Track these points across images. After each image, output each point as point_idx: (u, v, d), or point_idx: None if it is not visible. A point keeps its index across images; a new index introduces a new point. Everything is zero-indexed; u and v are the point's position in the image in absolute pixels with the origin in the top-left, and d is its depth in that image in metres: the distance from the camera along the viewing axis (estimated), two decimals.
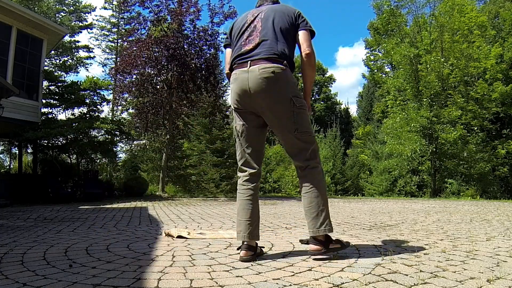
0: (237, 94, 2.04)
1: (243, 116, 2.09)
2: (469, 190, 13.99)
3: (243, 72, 2.00)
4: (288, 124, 1.98)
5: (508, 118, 15.70)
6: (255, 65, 1.97)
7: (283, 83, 1.96)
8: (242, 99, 2.03)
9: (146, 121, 12.18)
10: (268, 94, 1.95)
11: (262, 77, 1.93)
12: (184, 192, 14.97)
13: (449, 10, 14.39)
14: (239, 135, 2.10)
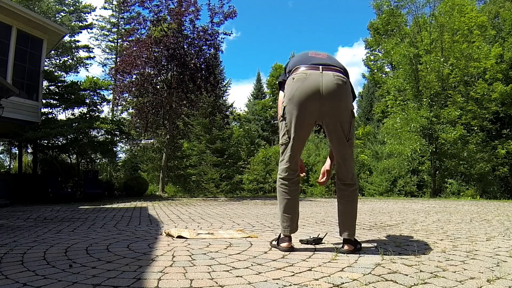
0: (305, 94, 2.04)
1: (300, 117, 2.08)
2: (469, 190, 13.98)
3: (316, 74, 2.04)
4: (345, 132, 2.12)
5: (508, 118, 15.69)
6: (329, 70, 2.06)
7: (349, 94, 2.13)
8: (308, 99, 2.04)
9: (146, 121, 12.18)
10: (338, 100, 2.05)
11: (337, 83, 2.03)
12: (184, 192, 14.97)
13: (449, 10, 14.39)
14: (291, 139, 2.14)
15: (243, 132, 26.10)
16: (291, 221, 2.21)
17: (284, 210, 2.21)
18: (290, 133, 2.12)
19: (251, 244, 2.49)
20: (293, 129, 2.10)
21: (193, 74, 11.65)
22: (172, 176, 16.44)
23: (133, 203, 7.78)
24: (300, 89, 2.05)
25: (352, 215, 2.21)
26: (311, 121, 2.14)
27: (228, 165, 18.25)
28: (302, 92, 2.04)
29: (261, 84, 36.72)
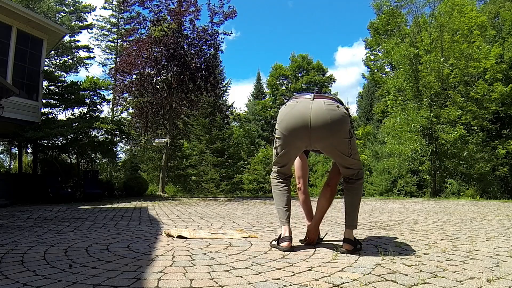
0: (294, 119, 2.12)
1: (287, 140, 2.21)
2: (469, 190, 13.99)
3: (307, 101, 2.11)
4: (345, 152, 2.18)
5: (508, 118, 15.68)
6: (319, 98, 2.11)
7: (342, 118, 2.10)
8: (298, 125, 2.11)
9: (146, 121, 12.18)
10: (329, 125, 2.07)
11: (327, 109, 2.06)
12: (184, 192, 14.97)
13: (449, 10, 14.38)
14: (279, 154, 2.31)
15: (243, 132, 26.11)
16: (285, 212, 2.33)
17: (277, 202, 2.37)
18: (278, 150, 2.30)
19: (251, 244, 2.49)
20: (282, 149, 2.27)
21: (193, 74, 11.64)
22: (172, 176, 16.43)
23: (133, 203, 7.78)
24: (289, 114, 2.15)
25: (356, 205, 2.31)
26: (300, 144, 2.22)
27: (228, 165, 18.25)
28: (291, 117, 2.13)
29: (261, 84, 36.74)
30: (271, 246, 2.35)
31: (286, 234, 2.25)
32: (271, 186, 2.44)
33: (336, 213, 5.36)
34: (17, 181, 9.81)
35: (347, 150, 2.17)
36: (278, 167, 2.38)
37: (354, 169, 2.27)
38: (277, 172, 2.39)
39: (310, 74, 33.81)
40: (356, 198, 2.30)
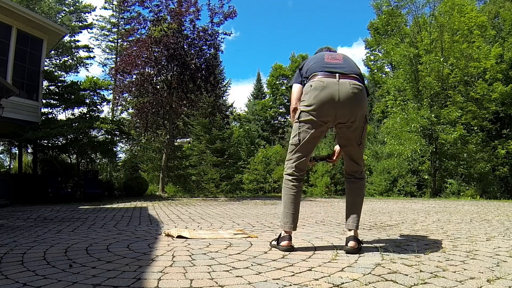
0: (322, 101, 2.11)
1: (315, 124, 2.17)
2: (469, 190, 13.98)
3: (333, 83, 2.11)
4: (357, 137, 2.24)
5: (508, 118, 15.69)
6: (345, 78, 2.13)
7: (365, 100, 2.20)
8: (325, 108, 2.12)
9: (146, 121, 12.18)
10: (354, 108, 2.13)
11: (353, 92, 2.11)
12: (184, 192, 14.97)
13: (449, 10, 14.38)
14: (301, 142, 2.21)
15: (243, 132, 26.13)
16: (292, 217, 2.26)
17: (286, 205, 2.29)
18: (301, 136, 2.19)
19: (251, 244, 2.49)
20: (307, 134, 2.18)
21: (193, 74, 11.64)
22: (172, 176, 16.43)
23: (133, 203, 7.78)
24: (317, 97, 2.12)
25: (359, 206, 2.31)
26: (325, 128, 2.24)
27: (228, 165, 18.26)
28: (320, 101, 2.11)
29: (261, 84, 36.77)
30: (271, 246, 2.34)
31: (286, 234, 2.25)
32: (283, 186, 2.31)
33: (336, 213, 5.37)
34: (17, 181, 9.81)
35: (359, 138, 2.23)
36: (296, 161, 2.24)
37: (359, 165, 2.30)
38: (295, 167, 2.24)
39: None
40: (360, 198, 2.31)
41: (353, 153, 2.29)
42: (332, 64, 2.22)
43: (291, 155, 2.27)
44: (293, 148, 2.25)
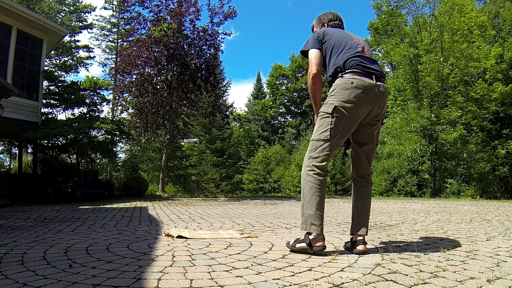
0: (362, 102, 2.12)
1: (349, 122, 2.15)
2: (469, 190, 13.96)
3: (373, 86, 2.15)
4: (377, 135, 2.34)
5: (508, 118, 15.67)
6: (379, 81, 2.19)
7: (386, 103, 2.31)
8: (363, 109, 2.14)
9: (146, 121, 12.18)
10: (382, 108, 2.24)
11: (385, 95, 2.22)
12: (184, 192, 14.96)
13: (449, 10, 14.37)
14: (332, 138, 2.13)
15: (243, 132, 26.12)
16: (322, 219, 2.14)
17: (318, 207, 2.09)
18: (333, 132, 2.11)
19: (251, 244, 2.49)
20: (339, 130, 2.13)
21: (193, 74, 11.64)
22: (172, 176, 16.42)
23: (133, 203, 7.78)
24: (358, 97, 2.11)
25: (368, 210, 2.31)
26: (355, 127, 2.23)
27: (228, 165, 18.25)
28: (360, 101, 2.11)
29: (261, 84, 36.77)
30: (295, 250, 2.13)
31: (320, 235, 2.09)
32: (311, 186, 2.10)
33: (336, 213, 5.36)
34: (17, 181, 9.81)
35: (378, 136, 2.34)
36: (326, 158, 2.13)
37: (370, 167, 2.37)
38: (324, 165, 2.12)
39: None
40: (369, 203, 2.33)
41: (371, 152, 2.33)
42: (367, 62, 2.22)
43: (319, 151, 2.13)
44: (322, 143, 2.13)
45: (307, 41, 2.33)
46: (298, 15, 62.68)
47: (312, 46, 2.28)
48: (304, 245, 2.09)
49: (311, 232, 2.07)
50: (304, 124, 27.32)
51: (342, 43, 2.26)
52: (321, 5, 61.99)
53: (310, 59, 2.25)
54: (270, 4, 65.92)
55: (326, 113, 2.14)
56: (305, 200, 2.11)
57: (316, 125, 2.19)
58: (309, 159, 2.16)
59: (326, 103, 2.17)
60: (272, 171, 20.64)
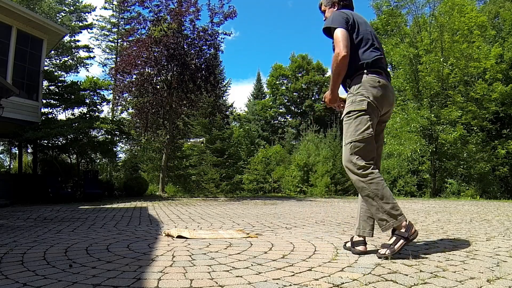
0: (387, 100, 2.20)
1: (376, 118, 2.19)
2: (469, 190, 13.97)
3: (390, 87, 2.26)
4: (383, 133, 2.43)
5: (508, 118, 15.68)
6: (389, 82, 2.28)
7: None
8: (386, 107, 2.22)
9: (146, 121, 12.18)
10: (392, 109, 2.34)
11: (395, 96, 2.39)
12: (184, 192, 14.96)
13: (449, 10, 14.38)
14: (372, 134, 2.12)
15: (243, 132, 26.12)
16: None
17: (391, 197, 2.04)
18: (372, 127, 2.10)
19: (251, 244, 2.49)
20: (374, 126, 2.14)
21: (193, 74, 11.64)
22: (172, 176, 16.42)
23: (133, 203, 7.77)
24: (384, 96, 2.16)
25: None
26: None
27: (228, 165, 18.24)
28: (384, 101, 2.18)
29: (261, 84, 36.77)
30: (389, 253, 2.00)
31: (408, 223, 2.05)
32: (374, 184, 2.03)
33: (336, 213, 5.36)
34: (17, 181, 9.81)
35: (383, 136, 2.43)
36: (373, 156, 2.12)
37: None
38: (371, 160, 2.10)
39: (310, 74, 33.80)
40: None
41: (381, 150, 2.35)
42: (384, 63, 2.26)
43: (366, 150, 2.08)
44: (369, 141, 2.09)
45: (332, 18, 2.19)
46: (298, 15, 62.71)
47: (340, 25, 2.14)
48: (402, 241, 2.01)
49: (401, 222, 2.00)
50: (304, 124, 27.30)
51: (369, 39, 2.25)
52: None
53: (337, 38, 2.11)
54: (270, 4, 65.95)
55: (360, 110, 2.09)
56: (378, 198, 2.03)
57: (352, 127, 2.10)
58: (357, 161, 2.07)
59: (354, 101, 2.11)
60: (272, 171, 20.63)
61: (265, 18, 67.31)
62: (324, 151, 19.14)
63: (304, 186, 17.96)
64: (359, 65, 2.15)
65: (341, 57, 2.07)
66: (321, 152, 19.18)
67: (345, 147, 2.14)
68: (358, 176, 2.07)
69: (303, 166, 18.45)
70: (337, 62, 2.09)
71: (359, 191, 2.12)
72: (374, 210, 2.06)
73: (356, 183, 2.09)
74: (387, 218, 2.02)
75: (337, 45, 2.09)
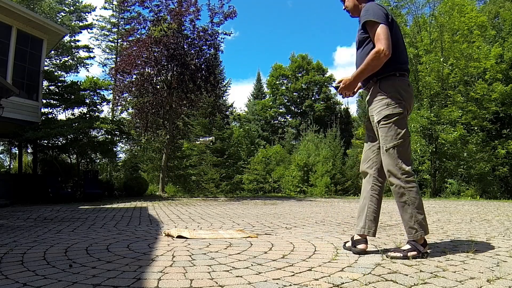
0: (412, 103, 2.21)
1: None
2: (469, 190, 13.97)
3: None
4: None
5: (508, 118, 15.67)
6: None
7: None
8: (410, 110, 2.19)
9: (146, 121, 12.18)
10: None
11: None
12: (184, 192, 14.97)
13: (449, 10, 14.38)
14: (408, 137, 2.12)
15: (243, 132, 26.11)
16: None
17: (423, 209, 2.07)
18: (408, 132, 2.11)
19: (251, 244, 2.49)
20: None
21: (193, 74, 11.64)
22: (172, 176, 16.42)
23: (133, 203, 7.77)
24: (411, 100, 2.19)
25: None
26: None
27: (228, 165, 18.25)
28: (411, 104, 2.20)
29: (261, 84, 36.78)
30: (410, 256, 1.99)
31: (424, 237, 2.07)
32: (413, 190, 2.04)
33: (336, 213, 5.36)
34: (17, 181, 9.81)
35: None
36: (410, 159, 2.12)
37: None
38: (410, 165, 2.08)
39: (310, 74, 33.82)
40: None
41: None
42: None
43: (407, 153, 2.08)
44: (408, 143, 2.10)
45: (374, 12, 2.09)
46: (298, 15, 62.74)
47: (383, 21, 2.05)
48: (416, 252, 2.01)
49: (425, 235, 2.04)
50: (304, 124, 27.31)
51: (401, 41, 2.24)
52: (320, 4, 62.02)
53: (381, 35, 2.02)
54: (269, 4, 65.98)
55: (399, 114, 2.07)
56: (414, 207, 2.03)
57: (392, 130, 2.07)
58: (402, 166, 2.05)
59: (390, 104, 2.07)
60: (272, 171, 20.64)
61: (265, 18, 67.39)
62: (324, 151, 19.15)
63: (304, 186, 17.96)
64: (391, 66, 2.10)
65: (383, 55, 2.00)
66: (321, 152, 19.19)
67: (387, 152, 2.08)
68: (401, 181, 2.05)
69: (303, 166, 18.45)
70: (378, 60, 2.02)
71: (395, 195, 2.08)
72: (407, 217, 2.06)
73: (396, 188, 2.07)
74: (418, 228, 2.03)
75: (380, 42, 2.01)
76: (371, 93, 2.19)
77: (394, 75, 2.11)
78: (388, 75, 2.11)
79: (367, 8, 2.15)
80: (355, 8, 2.29)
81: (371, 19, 2.06)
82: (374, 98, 2.15)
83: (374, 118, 2.15)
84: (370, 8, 2.13)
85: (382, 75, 2.12)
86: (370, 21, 2.08)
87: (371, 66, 2.05)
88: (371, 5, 2.16)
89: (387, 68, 2.08)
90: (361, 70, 2.10)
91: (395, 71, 2.11)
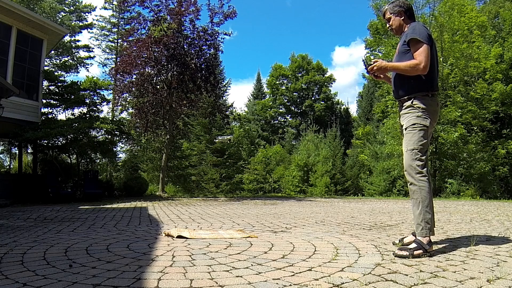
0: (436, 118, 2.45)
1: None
2: (469, 190, 13.96)
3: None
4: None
5: (508, 118, 15.68)
6: None
7: None
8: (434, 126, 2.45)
9: (146, 121, 12.17)
10: None
11: None
12: (184, 192, 14.97)
13: (449, 10, 14.38)
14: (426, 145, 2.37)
15: (243, 132, 26.11)
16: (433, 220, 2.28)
17: (432, 210, 2.25)
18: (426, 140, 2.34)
19: (251, 244, 2.49)
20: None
21: (193, 74, 11.63)
22: (172, 176, 16.42)
23: (133, 203, 7.77)
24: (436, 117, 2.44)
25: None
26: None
27: (228, 165, 18.24)
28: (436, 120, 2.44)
29: (261, 84, 36.78)
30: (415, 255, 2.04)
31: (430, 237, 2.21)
32: (425, 189, 2.24)
33: (336, 213, 5.36)
34: (17, 181, 9.80)
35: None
36: (426, 163, 2.33)
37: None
38: (425, 167, 2.30)
39: (310, 74, 33.82)
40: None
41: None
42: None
43: (422, 158, 2.33)
44: (426, 150, 2.34)
45: (419, 32, 2.30)
46: (298, 14, 62.76)
47: (427, 41, 2.28)
48: (421, 251, 2.08)
49: (431, 235, 2.17)
50: (304, 124, 27.32)
51: (436, 63, 2.41)
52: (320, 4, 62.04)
53: (423, 53, 2.26)
54: (269, 4, 66.00)
55: (424, 125, 2.32)
56: (424, 205, 2.22)
57: (415, 136, 2.33)
58: (416, 166, 2.30)
59: (420, 116, 2.32)
60: (272, 171, 20.64)
61: (265, 18, 67.40)
62: (324, 151, 19.15)
63: (304, 186, 17.97)
64: (427, 86, 2.33)
65: (419, 70, 2.25)
66: (321, 152, 19.19)
67: (406, 153, 2.38)
68: (415, 180, 2.28)
69: (303, 166, 18.46)
70: (413, 70, 2.27)
71: (410, 193, 2.32)
72: (417, 213, 2.23)
73: (411, 186, 2.30)
74: (424, 225, 2.19)
75: (422, 59, 2.25)
76: (405, 107, 2.40)
77: (427, 96, 2.33)
78: (423, 94, 2.33)
79: (413, 26, 2.38)
80: (400, 28, 2.51)
81: (417, 37, 2.29)
82: (407, 111, 2.38)
83: (404, 126, 2.41)
84: (417, 28, 2.34)
85: (416, 91, 2.34)
86: (415, 39, 2.30)
87: (405, 69, 2.31)
88: (418, 25, 2.38)
89: (423, 87, 2.32)
90: (398, 66, 2.36)
91: (427, 91, 2.33)
